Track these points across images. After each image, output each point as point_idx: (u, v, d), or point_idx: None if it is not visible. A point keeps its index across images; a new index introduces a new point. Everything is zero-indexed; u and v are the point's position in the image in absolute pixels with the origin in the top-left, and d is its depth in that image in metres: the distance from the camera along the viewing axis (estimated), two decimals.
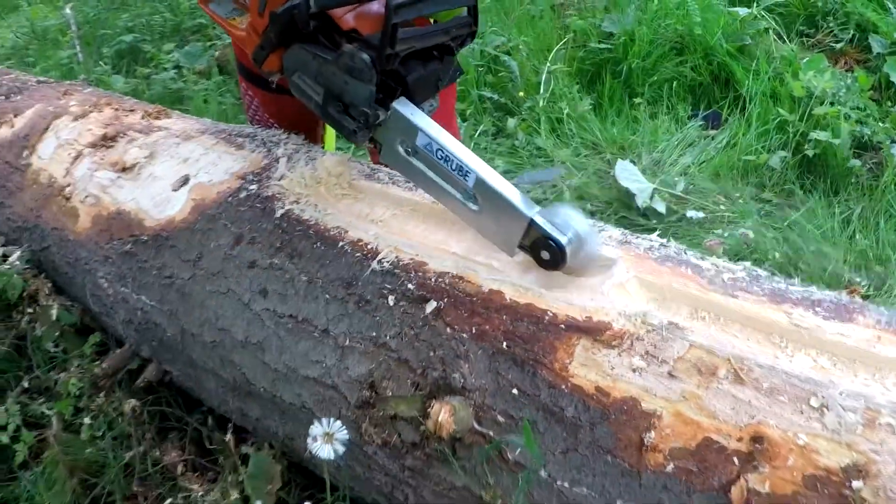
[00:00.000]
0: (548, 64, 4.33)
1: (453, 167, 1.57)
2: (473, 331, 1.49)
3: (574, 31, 4.77)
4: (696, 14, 4.47)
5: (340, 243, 1.75)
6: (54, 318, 2.54)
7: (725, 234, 3.16)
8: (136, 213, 2.23)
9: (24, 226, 2.70)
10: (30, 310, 2.66)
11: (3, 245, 2.82)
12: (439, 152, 1.58)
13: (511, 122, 4.09)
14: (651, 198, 3.41)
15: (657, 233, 1.70)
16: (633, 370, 1.34)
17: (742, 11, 4.62)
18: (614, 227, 1.70)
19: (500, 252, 1.60)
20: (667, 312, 1.42)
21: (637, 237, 1.66)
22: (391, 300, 1.61)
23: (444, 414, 1.41)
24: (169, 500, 2.15)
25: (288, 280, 1.79)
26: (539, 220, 1.47)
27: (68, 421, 2.40)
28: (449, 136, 1.59)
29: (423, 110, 1.65)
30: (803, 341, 1.32)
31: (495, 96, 4.35)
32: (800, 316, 1.35)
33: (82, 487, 2.27)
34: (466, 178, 1.55)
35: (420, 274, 1.61)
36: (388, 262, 1.66)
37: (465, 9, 1.66)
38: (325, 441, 1.49)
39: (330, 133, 2.76)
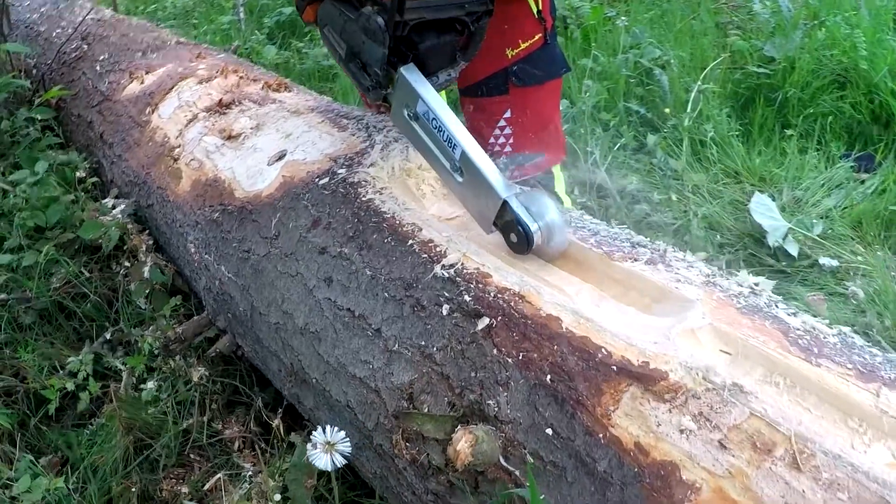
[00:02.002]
0: (699, 83, 4.13)
1: (444, 137, 1.62)
2: (520, 357, 1.38)
3: (733, 52, 4.56)
4: (863, 47, 4.19)
5: (410, 241, 1.67)
6: (146, 275, 2.53)
7: (852, 285, 2.94)
8: (229, 182, 2.21)
9: (136, 181, 2.73)
10: (127, 263, 2.67)
11: (115, 197, 2.85)
12: (434, 121, 1.63)
13: (652, 140, 3.91)
14: (784, 238, 3.20)
15: (753, 279, 1.53)
16: (681, 431, 1.20)
17: None
18: (741, 267, 1.55)
19: (577, 280, 1.51)
20: (736, 370, 1.26)
21: (727, 278, 1.50)
22: (445, 310, 1.51)
23: (463, 443, 1.31)
24: (219, 475, 2.12)
25: (353, 272, 1.72)
26: (513, 202, 1.50)
27: (140, 377, 2.40)
28: (446, 109, 1.63)
29: (437, 79, 1.71)
30: (885, 431, 1.13)
31: (642, 110, 4.19)
32: (888, 399, 1.17)
33: (136, 446, 2.26)
34: (454, 150, 1.60)
35: (480, 286, 1.50)
36: (451, 268, 1.56)
37: None
38: (325, 450, 1.40)
39: None
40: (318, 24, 1.85)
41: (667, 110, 4.10)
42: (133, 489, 2.18)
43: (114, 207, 2.78)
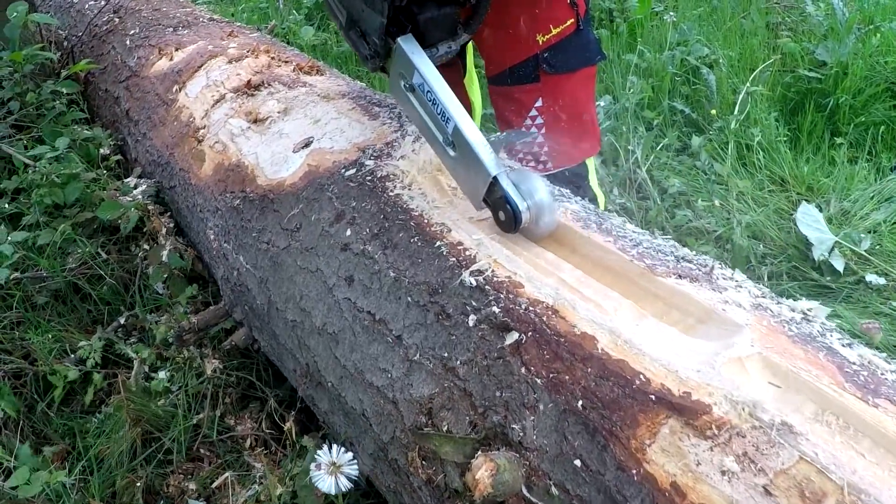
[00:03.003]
0: (748, 84, 3.99)
1: (438, 111, 1.59)
2: (550, 378, 1.26)
3: (783, 54, 4.41)
4: None
5: (438, 243, 1.56)
6: (164, 259, 2.44)
7: None
8: (252, 168, 2.11)
9: (159, 161, 2.65)
10: (146, 246, 2.59)
11: (138, 176, 2.76)
12: (429, 94, 1.60)
13: (696, 141, 3.78)
14: (830, 252, 3.06)
15: (806, 304, 1.41)
16: (722, 473, 1.07)
17: None
18: (784, 279, 1.43)
19: (616, 295, 1.38)
20: (785, 407, 1.14)
21: (777, 302, 1.37)
22: (472, 320, 1.40)
23: (483, 471, 1.19)
24: (227, 474, 2.03)
25: (375, 272, 1.61)
26: (503, 180, 1.48)
27: (152, 366, 2.32)
28: (441, 82, 1.60)
29: (437, 50, 1.70)
30: None
31: (687, 110, 4.05)
32: None
33: (144, 439, 2.17)
34: (447, 123, 1.57)
35: (511, 297, 1.39)
36: (481, 275, 1.45)
37: None
38: (330, 472, 1.29)
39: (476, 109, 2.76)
40: None
41: (713, 111, 3.97)
42: (138, 483, 2.09)
43: (135, 187, 2.69)
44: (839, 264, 3.04)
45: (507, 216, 1.48)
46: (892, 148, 3.90)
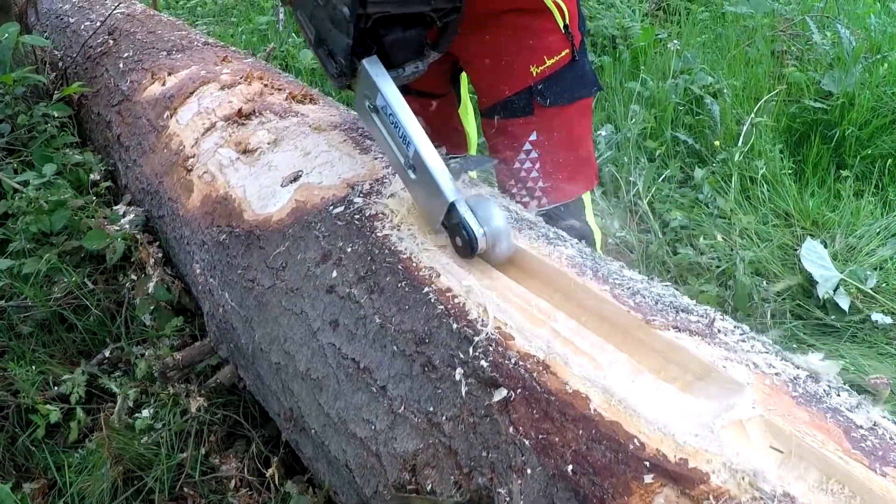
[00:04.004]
0: (752, 115, 3.93)
1: (400, 134, 1.60)
2: (539, 439, 1.19)
3: (789, 84, 4.36)
4: None
5: (426, 289, 1.49)
6: (151, 291, 2.38)
7: None
8: (239, 202, 2.06)
9: (148, 189, 2.60)
10: (133, 276, 2.53)
11: (128, 204, 2.71)
12: (391, 117, 1.62)
13: (699, 173, 3.71)
14: (835, 290, 3.00)
15: (816, 358, 1.33)
16: None
17: None
18: (787, 318, 1.36)
19: (611, 348, 1.31)
20: (788, 474, 1.07)
21: (781, 360, 1.30)
22: (458, 374, 1.33)
23: None
24: None
25: (361, 318, 1.55)
26: (460, 206, 1.50)
27: (136, 402, 2.26)
28: (403, 106, 1.61)
29: (403, 71, 1.70)
30: None
31: (690, 140, 3.99)
32: None
33: (127, 478, 2.11)
34: (408, 147, 1.59)
35: (501, 350, 1.32)
36: (469, 325, 1.38)
37: None
38: None
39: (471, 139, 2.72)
40: (293, 7, 1.83)
41: (717, 143, 3.90)
42: None
43: (124, 216, 2.63)
44: (844, 303, 2.98)
45: (463, 242, 1.50)
46: None
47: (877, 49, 4.62)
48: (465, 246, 1.49)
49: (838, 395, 1.21)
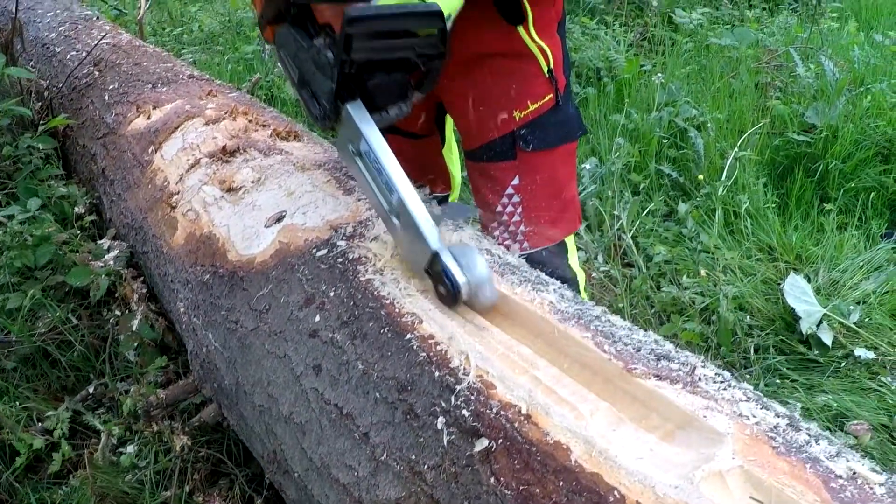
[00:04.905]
0: (736, 148, 3.96)
1: (384, 180, 1.60)
2: (520, 490, 1.19)
3: (773, 116, 4.39)
4: None
5: (408, 335, 1.49)
6: (135, 328, 2.38)
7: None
8: (223, 241, 2.06)
9: (133, 224, 2.59)
10: (118, 312, 2.53)
11: (112, 238, 2.71)
12: (375, 162, 1.61)
13: (683, 207, 3.73)
14: (818, 325, 3.01)
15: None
16: None
17: None
18: (770, 353, 1.36)
19: (593, 397, 1.32)
20: None
21: (762, 408, 1.31)
22: (440, 423, 1.34)
23: None
24: None
25: (344, 363, 1.55)
26: (444, 255, 1.49)
27: (120, 439, 2.26)
28: (387, 152, 1.60)
29: (387, 113, 1.69)
30: None
31: (674, 174, 4.01)
32: None
33: None
34: (392, 194, 1.58)
35: (482, 399, 1.32)
36: (451, 374, 1.38)
37: (435, 30, 1.61)
38: None
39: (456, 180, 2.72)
40: (276, 46, 1.83)
41: (701, 176, 3.92)
42: None
43: (108, 251, 2.63)
44: (827, 338, 2.99)
45: (446, 290, 1.50)
46: (882, 214, 3.87)
47: (860, 81, 4.66)
48: (449, 295, 1.50)
49: (818, 444, 1.22)
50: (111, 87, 3.28)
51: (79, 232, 2.89)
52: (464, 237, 1.79)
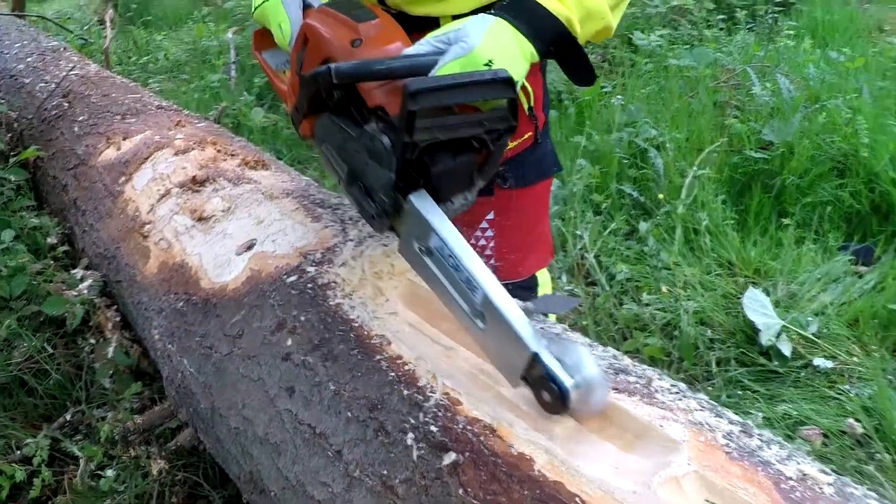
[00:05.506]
0: (695, 167, 4.05)
1: (463, 278, 1.38)
2: (487, 500, 1.26)
3: (731, 135, 4.48)
4: (864, 134, 4.10)
5: (378, 357, 1.56)
6: (110, 356, 2.42)
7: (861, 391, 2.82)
8: (195, 269, 2.11)
9: (106, 254, 2.63)
10: (92, 341, 2.57)
11: (85, 268, 2.75)
12: (450, 258, 1.39)
13: (644, 226, 3.81)
14: (777, 336, 3.10)
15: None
16: None
17: None
18: (731, 366, 1.43)
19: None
20: None
21: (716, 416, 1.38)
22: (410, 438, 1.40)
23: None
24: None
25: (316, 384, 1.61)
26: (545, 355, 1.26)
27: (99, 464, 2.30)
28: (464, 245, 1.39)
29: (452, 204, 1.50)
30: None
31: (635, 193, 4.09)
32: None
33: None
34: (475, 293, 1.35)
35: (449, 415, 1.39)
36: (419, 392, 1.45)
37: (504, 101, 1.44)
38: None
39: None
40: (316, 141, 1.65)
41: (661, 195, 4.01)
42: None
43: (82, 280, 2.67)
44: (786, 349, 3.07)
45: (552, 396, 1.27)
46: (838, 227, 3.95)
47: (815, 98, 4.75)
48: (556, 401, 1.27)
49: (770, 448, 1.30)
50: (81, 118, 3.32)
51: (52, 262, 2.93)
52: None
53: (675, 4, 6.53)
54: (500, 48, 1.49)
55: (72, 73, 3.79)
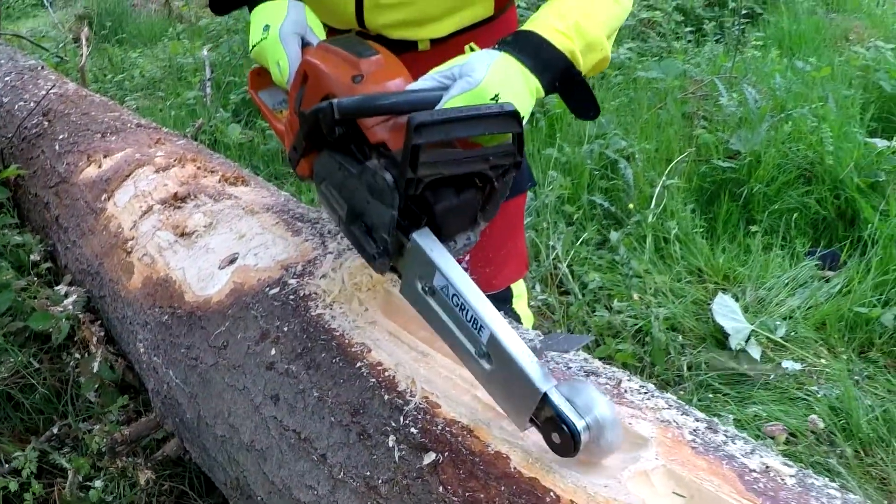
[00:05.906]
0: (664, 177, 4.13)
1: (468, 318, 1.33)
2: (466, 496, 1.33)
3: (699, 145, 4.56)
4: (829, 141, 4.18)
5: (359, 363, 1.62)
6: (95, 370, 2.47)
7: (821, 393, 2.91)
8: (179, 284, 2.17)
9: (89, 270, 2.68)
10: (77, 355, 2.61)
11: (69, 284, 2.79)
12: (455, 298, 1.35)
13: (615, 236, 3.89)
14: (747, 340, 3.18)
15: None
16: None
17: (880, 143, 4.27)
18: (703, 370, 1.49)
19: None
20: None
21: (682, 414, 1.46)
22: (391, 440, 1.46)
23: None
24: None
25: (300, 392, 1.67)
26: (554, 395, 1.23)
27: (87, 475, 2.34)
28: (470, 284, 1.35)
29: (455, 243, 1.46)
30: None
31: (606, 204, 4.17)
32: None
33: None
34: (481, 333, 1.31)
35: (428, 417, 1.46)
36: (399, 396, 1.52)
37: (510, 135, 1.41)
38: None
39: None
40: (315, 180, 1.60)
41: (631, 205, 4.08)
42: None
43: (66, 296, 2.72)
44: (755, 353, 3.15)
45: (563, 438, 1.23)
46: (805, 234, 4.03)
47: (781, 107, 4.82)
48: (566, 443, 1.23)
49: (734, 443, 1.37)
50: (61, 136, 3.35)
51: (36, 279, 2.97)
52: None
53: (644, 17, 6.61)
54: (507, 83, 1.48)
55: (51, 91, 3.82)
